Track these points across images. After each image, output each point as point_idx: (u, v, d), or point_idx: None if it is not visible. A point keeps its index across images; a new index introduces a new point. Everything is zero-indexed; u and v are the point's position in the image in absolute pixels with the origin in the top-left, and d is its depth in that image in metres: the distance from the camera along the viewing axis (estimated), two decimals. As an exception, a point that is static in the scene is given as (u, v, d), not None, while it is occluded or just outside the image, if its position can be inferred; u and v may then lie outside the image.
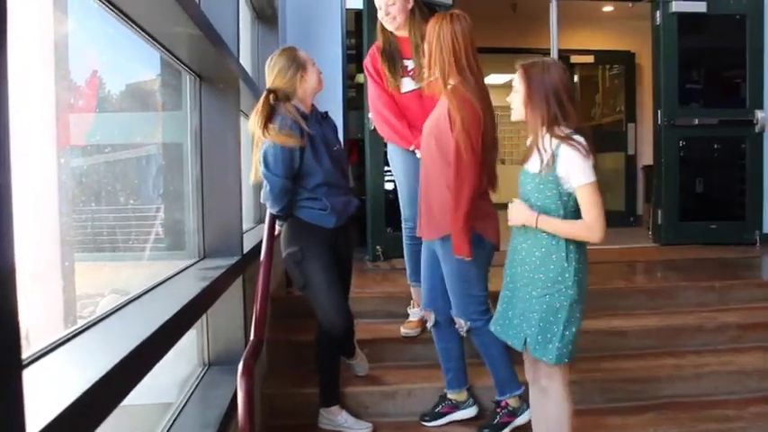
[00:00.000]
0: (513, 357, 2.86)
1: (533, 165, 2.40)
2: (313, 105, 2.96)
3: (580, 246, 2.40)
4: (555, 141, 2.33)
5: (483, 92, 2.79)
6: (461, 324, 2.92)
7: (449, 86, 2.77)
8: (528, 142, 2.46)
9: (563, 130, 2.33)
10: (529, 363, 2.58)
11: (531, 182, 2.42)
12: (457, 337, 3.07)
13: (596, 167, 2.36)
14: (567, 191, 2.34)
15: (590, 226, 2.32)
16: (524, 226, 2.43)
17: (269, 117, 2.74)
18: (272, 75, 2.86)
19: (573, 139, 2.31)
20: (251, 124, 2.77)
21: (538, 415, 2.63)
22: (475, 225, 2.72)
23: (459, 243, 2.72)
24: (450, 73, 2.77)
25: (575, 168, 2.30)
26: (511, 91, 2.49)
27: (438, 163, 2.82)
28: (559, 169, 2.32)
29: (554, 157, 2.32)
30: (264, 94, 2.79)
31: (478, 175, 2.71)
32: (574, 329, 2.38)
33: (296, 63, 2.85)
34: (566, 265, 2.35)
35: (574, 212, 2.35)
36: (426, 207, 2.90)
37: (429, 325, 3.10)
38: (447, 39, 2.76)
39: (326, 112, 3.05)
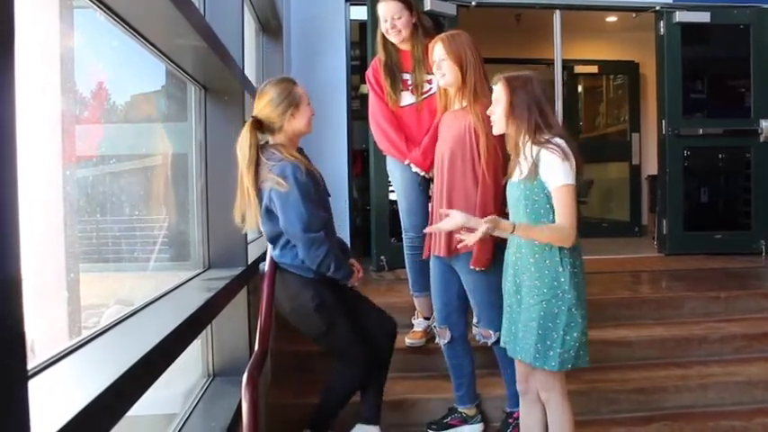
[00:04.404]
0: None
1: (518, 173, 2.44)
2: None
3: (573, 249, 2.39)
4: (536, 148, 2.36)
5: None
6: (490, 335, 2.90)
7: (479, 103, 2.77)
8: (511, 154, 2.49)
9: (544, 137, 2.36)
10: (521, 373, 2.58)
11: (517, 190, 2.45)
12: (469, 353, 3.07)
13: (580, 173, 2.37)
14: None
15: (559, 228, 2.33)
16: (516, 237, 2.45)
17: (259, 152, 2.57)
18: (261, 102, 2.63)
19: (551, 143, 2.34)
20: (241, 167, 2.55)
21: (528, 424, 2.62)
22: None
23: (481, 255, 2.74)
24: (482, 91, 2.78)
25: (552, 169, 2.33)
26: None
27: (462, 179, 2.83)
28: (542, 173, 2.35)
29: (536, 162, 2.35)
30: (249, 122, 2.58)
31: (503, 188, 2.73)
32: (575, 334, 2.36)
33: (289, 98, 2.62)
34: (560, 269, 2.36)
35: None
36: None
37: (444, 342, 3.06)
38: (477, 57, 2.82)
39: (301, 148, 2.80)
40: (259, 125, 2.61)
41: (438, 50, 2.85)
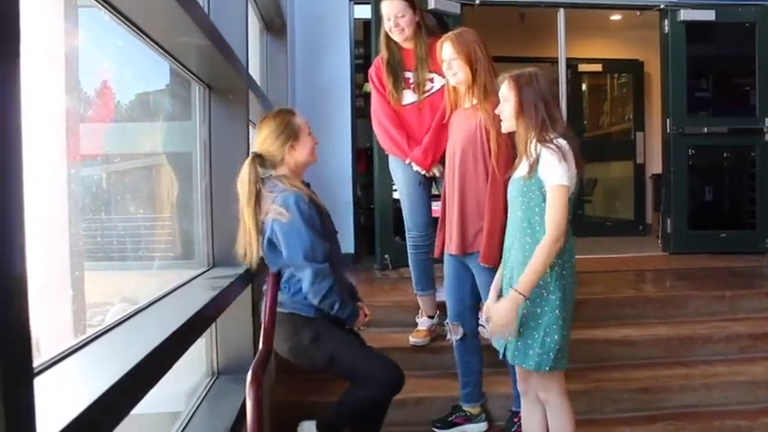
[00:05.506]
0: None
1: (521, 170, 2.44)
2: None
3: (564, 252, 2.37)
4: (539, 146, 2.36)
5: None
6: None
7: (489, 100, 2.77)
8: (518, 151, 2.48)
9: (549, 136, 2.36)
10: (520, 373, 2.57)
11: (516, 187, 2.45)
12: (479, 351, 3.08)
13: (580, 172, 2.37)
14: None
15: (544, 245, 2.30)
16: (515, 239, 2.45)
17: (259, 188, 2.51)
18: (260, 136, 2.61)
19: (553, 142, 2.33)
20: (242, 203, 2.51)
21: (529, 425, 2.62)
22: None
23: (492, 252, 2.74)
24: (491, 88, 2.78)
25: (548, 169, 2.32)
26: None
27: (474, 176, 2.84)
28: (540, 171, 2.34)
29: (537, 159, 2.35)
30: (250, 158, 2.55)
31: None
32: (557, 337, 2.34)
33: (287, 130, 2.58)
34: (547, 269, 2.34)
35: None
36: (460, 222, 2.88)
37: (456, 338, 3.06)
38: (486, 54, 2.84)
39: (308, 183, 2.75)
40: (260, 160, 2.57)
41: (447, 50, 2.85)
